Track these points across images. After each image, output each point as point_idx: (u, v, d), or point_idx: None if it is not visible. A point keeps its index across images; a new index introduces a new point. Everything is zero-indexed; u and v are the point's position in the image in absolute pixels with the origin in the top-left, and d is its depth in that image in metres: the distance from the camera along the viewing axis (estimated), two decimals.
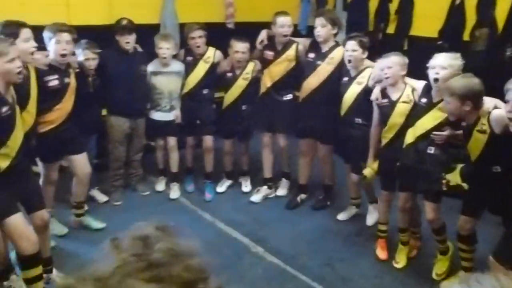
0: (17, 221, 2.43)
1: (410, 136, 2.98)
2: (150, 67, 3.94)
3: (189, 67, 4.03)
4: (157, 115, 4.05)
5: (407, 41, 5.08)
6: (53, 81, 3.08)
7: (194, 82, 4.03)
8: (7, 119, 2.48)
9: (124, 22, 3.77)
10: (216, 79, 4.12)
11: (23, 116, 2.72)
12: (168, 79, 3.99)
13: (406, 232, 3.23)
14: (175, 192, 4.17)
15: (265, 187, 4.21)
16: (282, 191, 4.25)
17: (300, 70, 3.86)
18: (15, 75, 2.49)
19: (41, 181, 3.25)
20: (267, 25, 4.04)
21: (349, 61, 3.32)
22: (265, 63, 3.99)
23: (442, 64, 2.78)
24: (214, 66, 4.07)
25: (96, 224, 3.56)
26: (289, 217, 3.89)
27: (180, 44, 4.68)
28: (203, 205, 4.05)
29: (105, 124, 3.90)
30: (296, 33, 5.46)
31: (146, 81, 3.95)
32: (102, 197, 4.01)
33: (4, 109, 2.47)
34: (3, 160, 2.47)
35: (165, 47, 3.86)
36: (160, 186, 4.26)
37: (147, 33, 4.26)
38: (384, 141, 3.21)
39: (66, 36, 3.11)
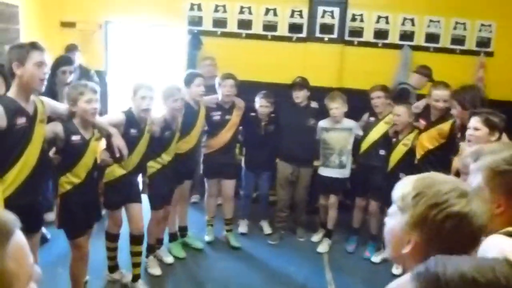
0: (135, 208, 3.39)
1: None
2: (322, 123, 4.27)
3: (369, 127, 4.16)
4: (325, 171, 4.32)
5: None
6: (216, 116, 4.05)
7: (371, 141, 4.12)
8: (168, 138, 3.57)
9: (298, 80, 4.32)
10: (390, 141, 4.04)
11: (187, 139, 3.81)
12: (338, 135, 4.22)
13: None
14: (324, 246, 4.32)
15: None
16: None
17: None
18: (177, 110, 3.57)
19: (205, 196, 4.33)
20: None
21: (469, 141, 2.75)
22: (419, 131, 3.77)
23: None
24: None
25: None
26: None
27: None
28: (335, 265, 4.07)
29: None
30: None
31: (314, 134, 4.30)
32: (267, 229, 4.61)
33: (167, 132, 3.57)
34: (158, 164, 3.57)
35: (334, 107, 4.14)
36: (316, 237, 4.49)
37: None
38: None
39: (230, 82, 3.99)
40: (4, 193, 2.47)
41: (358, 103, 4.35)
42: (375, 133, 4.11)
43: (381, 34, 5.28)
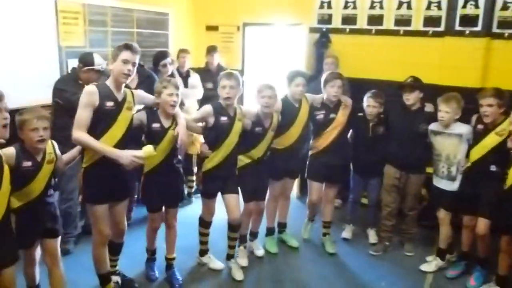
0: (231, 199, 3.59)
1: None
2: (432, 126, 3.77)
3: (478, 136, 3.51)
4: (435, 181, 3.81)
5: None
6: (319, 115, 3.91)
7: (479, 155, 3.47)
8: (258, 135, 3.64)
9: (409, 80, 3.89)
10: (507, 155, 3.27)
11: (286, 134, 3.82)
12: (446, 140, 3.68)
13: None
14: (429, 266, 3.83)
15: None
16: None
17: None
18: (264, 107, 3.59)
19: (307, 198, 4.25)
20: None
21: None
22: None
23: None
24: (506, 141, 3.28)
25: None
26: None
27: None
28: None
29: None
30: None
31: (425, 139, 3.82)
32: (372, 238, 4.29)
33: (258, 128, 3.65)
34: (247, 159, 3.66)
35: (444, 110, 3.61)
36: (430, 257, 3.96)
37: None
38: None
39: (338, 82, 3.82)
40: (90, 160, 2.92)
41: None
42: (484, 146, 3.42)
43: None
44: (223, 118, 3.43)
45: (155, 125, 3.17)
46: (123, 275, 3.48)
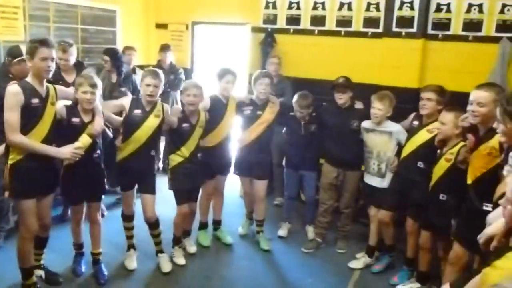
0: (146, 198, 3.62)
1: None
2: (365, 123, 3.84)
3: (412, 132, 3.56)
4: (366, 178, 3.88)
5: None
6: (247, 110, 4.00)
7: (410, 150, 3.52)
8: (186, 131, 3.66)
9: (340, 80, 3.94)
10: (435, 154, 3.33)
11: (214, 132, 3.86)
12: (377, 137, 3.75)
13: None
14: (357, 263, 3.90)
15: None
16: None
17: None
18: (189, 105, 3.62)
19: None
20: None
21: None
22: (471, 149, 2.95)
23: None
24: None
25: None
26: None
27: None
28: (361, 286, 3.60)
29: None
30: None
31: (359, 136, 3.88)
32: (311, 235, 4.31)
33: (185, 124, 3.66)
34: (179, 157, 3.69)
35: (377, 108, 3.68)
36: (359, 254, 4.02)
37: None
38: None
39: (266, 80, 3.93)
40: (17, 156, 2.90)
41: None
42: (415, 142, 3.48)
43: (472, 25, 4.46)
44: (137, 111, 3.46)
45: (75, 120, 3.17)
46: (47, 270, 3.45)
